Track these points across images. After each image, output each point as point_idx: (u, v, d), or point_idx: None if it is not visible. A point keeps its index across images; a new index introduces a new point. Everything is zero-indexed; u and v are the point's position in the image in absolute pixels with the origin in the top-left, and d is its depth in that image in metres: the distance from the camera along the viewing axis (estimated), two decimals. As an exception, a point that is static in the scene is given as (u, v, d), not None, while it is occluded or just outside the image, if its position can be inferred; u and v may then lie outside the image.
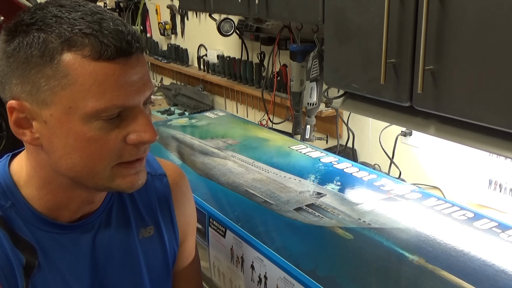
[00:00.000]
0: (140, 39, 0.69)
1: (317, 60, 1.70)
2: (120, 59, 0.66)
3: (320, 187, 1.32)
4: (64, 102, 0.66)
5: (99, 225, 0.81)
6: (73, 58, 0.65)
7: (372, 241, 1.06)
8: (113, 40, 0.65)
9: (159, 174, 0.92)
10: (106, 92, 0.65)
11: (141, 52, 0.69)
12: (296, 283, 0.95)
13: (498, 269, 0.95)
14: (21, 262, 0.73)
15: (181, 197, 0.94)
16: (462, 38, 0.94)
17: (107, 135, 0.68)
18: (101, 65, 0.65)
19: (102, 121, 0.67)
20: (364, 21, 1.15)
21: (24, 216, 0.74)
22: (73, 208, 0.77)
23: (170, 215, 0.91)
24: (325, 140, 1.95)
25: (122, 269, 0.84)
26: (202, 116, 2.05)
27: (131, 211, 0.86)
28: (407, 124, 1.22)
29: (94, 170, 0.70)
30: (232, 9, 1.84)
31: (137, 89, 0.68)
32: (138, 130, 0.69)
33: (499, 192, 1.41)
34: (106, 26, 0.65)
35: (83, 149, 0.68)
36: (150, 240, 0.88)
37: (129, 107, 0.68)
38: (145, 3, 3.52)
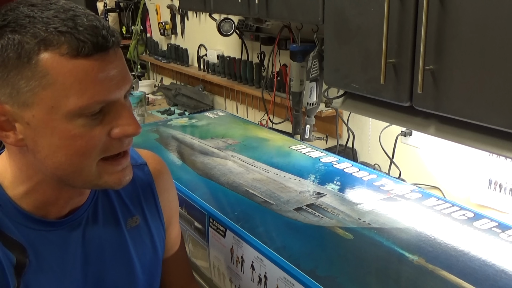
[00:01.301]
0: (115, 32, 0.69)
1: (317, 60, 1.70)
2: (98, 55, 0.66)
3: (320, 187, 1.31)
4: (46, 102, 0.66)
5: (87, 220, 0.82)
6: (51, 58, 0.64)
7: (372, 241, 1.06)
8: (89, 36, 0.65)
9: (140, 163, 0.93)
10: (87, 89, 0.66)
11: (117, 45, 0.69)
12: (296, 283, 0.95)
13: (498, 269, 0.95)
14: (11, 262, 0.73)
15: (163, 183, 0.95)
16: (462, 38, 0.94)
17: (91, 131, 0.68)
18: (79, 62, 0.65)
19: (85, 118, 0.67)
20: (364, 21, 1.15)
21: (12, 216, 0.74)
22: (61, 204, 0.78)
23: (155, 203, 0.93)
24: (325, 140, 1.95)
25: (114, 260, 0.85)
26: (202, 116, 2.05)
27: (117, 203, 0.87)
28: (407, 124, 1.22)
29: (81, 167, 0.70)
30: (232, 9, 1.84)
31: (117, 83, 0.68)
32: (122, 124, 0.70)
33: (499, 192, 1.41)
34: (80, 23, 0.66)
35: (68, 147, 0.68)
36: (138, 230, 0.89)
37: (111, 102, 0.69)
38: (145, 3, 3.52)
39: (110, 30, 0.68)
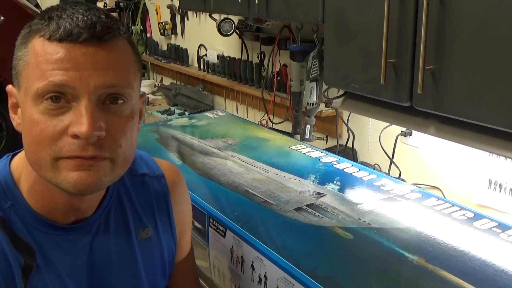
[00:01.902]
0: (113, 31, 0.68)
1: (317, 60, 1.70)
2: (72, 43, 0.65)
3: (320, 187, 1.31)
4: (23, 83, 0.68)
5: (98, 228, 0.81)
6: (35, 40, 0.67)
7: (372, 241, 1.06)
8: (68, 24, 0.65)
9: (157, 175, 0.91)
10: (48, 70, 0.65)
11: (103, 40, 0.67)
12: (296, 283, 0.95)
13: (498, 269, 0.95)
14: (19, 263, 0.72)
15: (179, 197, 0.94)
16: (462, 38, 0.94)
17: (48, 120, 0.66)
18: (51, 45, 0.66)
19: (46, 104, 0.65)
20: (364, 21, 1.15)
21: (23, 217, 0.74)
22: (62, 211, 0.76)
23: (168, 216, 0.91)
24: (325, 140, 1.95)
25: (120, 270, 0.83)
26: (202, 116, 2.05)
27: (130, 213, 0.85)
28: (407, 124, 1.22)
29: (38, 158, 0.67)
30: (232, 9, 1.84)
31: (82, 73, 0.65)
32: (74, 121, 0.65)
33: (499, 192, 1.41)
34: (77, 14, 0.66)
35: (29, 132, 0.68)
36: (148, 242, 0.87)
37: (75, 94, 0.65)
38: (145, 3, 3.52)
39: (107, 26, 0.67)
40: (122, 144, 0.70)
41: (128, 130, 0.71)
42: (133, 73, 0.72)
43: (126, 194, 0.86)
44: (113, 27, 0.68)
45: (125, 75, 0.69)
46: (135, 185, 0.87)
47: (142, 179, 0.89)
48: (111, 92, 0.68)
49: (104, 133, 0.67)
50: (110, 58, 0.67)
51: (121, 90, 0.69)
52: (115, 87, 0.68)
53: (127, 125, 0.70)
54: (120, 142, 0.69)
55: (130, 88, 0.70)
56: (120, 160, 0.70)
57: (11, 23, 3.46)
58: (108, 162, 0.69)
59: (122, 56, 0.69)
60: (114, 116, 0.68)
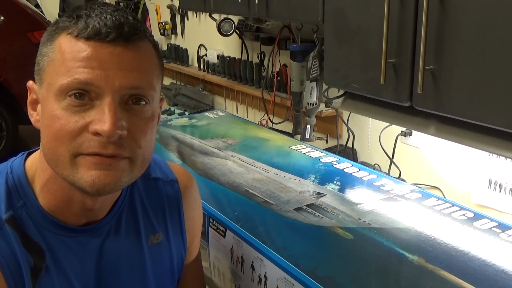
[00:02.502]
0: (139, 32, 0.69)
1: (317, 60, 1.70)
2: (98, 41, 0.65)
3: (320, 187, 1.31)
4: (47, 79, 0.68)
5: (108, 231, 0.80)
6: (62, 38, 0.67)
7: (372, 241, 1.06)
8: (96, 23, 0.66)
9: (171, 180, 0.90)
10: (74, 67, 0.65)
11: (130, 41, 0.67)
12: (296, 283, 0.95)
13: (498, 269, 0.95)
14: (29, 264, 0.72)
15: (191, 202, 0.93)
16: (462, 38, 0.94)
17: (70, 117, 0.66)
18: (78, 43, 0.66)
19: (69, 100, 0.66)
20: (364, 21, 1.15)
21: (34, 217, 0.74)
22: (74, 212, 0.75)
23: (180, 221, 0.90)
24: (325, 140, 1.95)
25: (129, 275, 0.83)
26: (202, 116, 2.05)
27: (141, 218, 0.84)
28: (407, 124, 1.22)
29: (56, 154, 0.67)
30: (232, 9, 1.84)
31: (108, 73, 0.65)
32: (96, 118, 0.65)
33: (499, 192, 1.41)
34: (104, 14, 0.67)
35: (49, 127, 0.67)
36: (158, 247, 0.87)
37: (99, 93, 0.66)
38: (145, 3, 3.52)
39: (134, 28, 0.67)
40: (142, 145, 0.70)
41: (148, 132, 0.71)
42: (156, 76, 0.72)
43: (139, 198, 0.85)
44: (140, 29, 0.69)
45: (149, 77, 0.70)
46: (148, 189, 0.87)
47: (155, 183, 0.88)
48: (134, 93, 0.68)
49: (126, 133, 0.67)
50: (135, 60, 0.68)
51: (144, 92, 0.69)
52: (138, 88, 0.68)
53: (148, 126, 0.71)
54: (140, 143, 0.70)
55: (153, 91, 0.71)
56: (139, 160, 0.71)
57: (11, 23, 3.46)
58: (127, 162, 0.69)
59: (146, 58, 0.70)
60: (135, 117, 0.69)
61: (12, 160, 0.78)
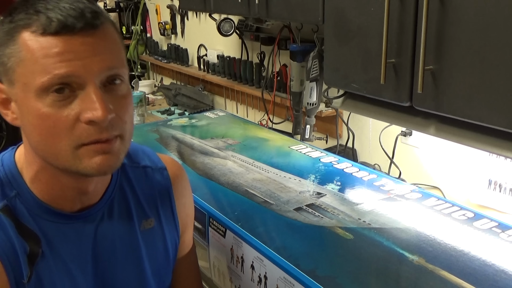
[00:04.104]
0: (101, 16, 0.69)
1: (317, 60, 1.70)
2: (67, 33, 0.66)
3: (320, 187, 1.31)
4: (21, 79, 0.68)
5: (102, 217, 0.82)
6: (26, 36, 0.67)
7: (372, 241, 1.06)
8: (60, 16, 0.66)
9: (159, 167, 0.93)
10: (50, 64, 0.66)
11: (96, 27, 0.68)
12: (296, 283, 0.95)
13: (498, 269, 0.95)
14: (25, 250, 0.74)
15: (181, 189, 0.96)
16: (462, 38, 0.94)
17: (59, 112, 0.67)
18: (46, 40, 0.66)
19: (53, 96, 0.67)
20: (364, 21, 1.15)
21: (28, 205, 0.76)
22: (68, 198, 0.78)
23: (171, 207, 0.93)
24: (325, 140, 1.95)
25: (124, 259, 0.85)
26: (202, 116, 2.05)
27: (132, 203, 0.87)
28: (407, 124, 1.22)
29: (55, 149, 0.69)
30: (232, 9, 1.84)
31: (84, 61, 0.67)
32: (86, 108, 0.67)
33: (499, 192, 1.41)
34: (61, 4, 0.67)
35: (39, 126, 0.69)
36: (151, 232, 0.89)
37: (80, 82, 0.67)
38: (145, 3, 3.52)
39: (94, 13, 0.68)
40: (127, 120, 0.73)
41: (129, 107, 0.74)
42: (122, 52, 0.75)
43: (129, 185, 0.88)
44: (98, 11, 0.70)
45: (118, 55, 0.72)
46: (137, 177, 0.89)
47: (144, 171, 0.91)
48: (111, 74, 0.70)
49: (114, 115, 0.70)
50: (104, 43, 0.70)
51: (119, 71, 0.71)
52: (114, 68, 0.70)
53: (127, 102, 0.74)
54: (125, 119, 0.73)
55: (125, 68, 0.74)
56: (127, 135, 0.74)
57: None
58: (119, 141, 0.72)
59: (113, 39, 0.72)
60: (116, 97, 0.71)
61: (2, 154, 0.80)
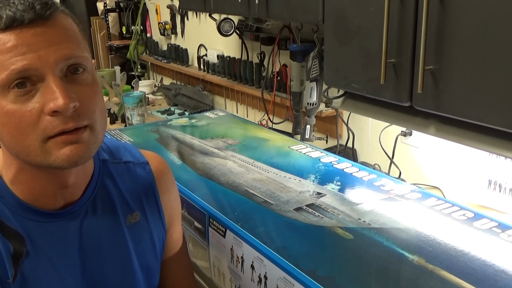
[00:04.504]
0: (52, 7, 0.69)
1: (317, 60, 1.70)
2: (17, 27, 0.66)
3: (320, 187, 1.31)
4: None
5: (85, 213, 0.82)
6: None
7: (372, 241, 1.06)
8: (8, 11, 0.66)
9: (141, 162, 0.93)
10: (5, 60, 0.66)
11: (46, 18, 0.68)
12: (296, 283, 0.95)
13: (498, 269, 0.95)
14: (9, 250, 0.74)
15: (165, 183, 0.96)
16: (462, 38, 0.94)
17: (23, 107, 0.67)
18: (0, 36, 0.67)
19: (15, 92, 0.67)
20: (364, 21, 1.15)
21: (10, 206, 0.76)
22: (50, 195, 0.78)
23: (156, 202, 0.93)
24: (325, 140, 1.95)
25: (112, 255, 0.85)
26: (202, 116, 2.05)
27: (116, 198, 0.87)
28: (407, 124, 1.22)
29: (24, 145, 0.69)
30: (232, 9, 1.84)
31: (39, 53, 0.67)
32: (47, 99, 0.67)
33: (499, 192, 1.41)
34: (13, 0, 0.67)
35: (7, 124, 0.69)
36: (137, 226, 0.89)
37: (38, 75, 0.67)
38: (145, 3, 3.52)
39: (45, 4, 0.68)
40: (96, 110, 0.72)
41: (97, 97, 0.74)
42: (82, 41, 0.74)
43: (111, 181, 0.88)
44: (49, 3, 0.70)
45: (77, 44, 0.72)
46: (119, 172, 0.90)
47: (126, 166, 0.91)
48: (70, 63, 0.70)
49: (78, 103, 0.69)
50: (58, 32, 0.69)
51: (79, 60, 0.71)
52: (72, 58, 0.70)
53: (94, 91, 0.73)
54: (94, 108, 0.72)
55: (85, 57, 0.73)
56: (98, 125, 0.73)
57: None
58: (88, 131, 0.71)
59: (67, 28, 0.71)
60: (79, 86, 0.71)
61: None
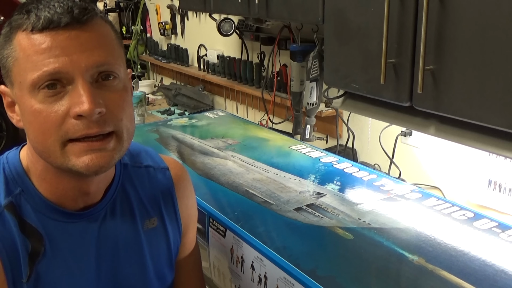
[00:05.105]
0: (91, 12, 0.70)
1: (317, 60, 1.70)
2: (53, 29, 0.67)
3: (320, 187, 1.31)
4: (17, 79, 0.70)
5: (104, 216, 0.83)
6: (19, 35, 0.69)
7: (372, 241, 1.06)
8: (47, 13, 0.67)
9: (162, 167, 0.93)
10: (39, 61, 0.67)
11: (83, 22, 0.69)
12: (296, 283, 0.95)
13: (498, 269, 0.95)
14: (27, 249, 0.75)
15: (183, 190, 0.96)
16: (462, 38, 0.94)
17: (50, 108, 0.68)
18: (35, 37, 0.68)
19: (44, 92, 0.68)
20: (364, 21, 1.15)
21: (33, 203, 0.76)
22: (71, 197, 0.78)
23: (174, 207, 0.93)
24: (325, 140, 1.95)
25: (127, 259, 0.85)
26: (202, 116, 2.05)
27: (135, 203, 0.87)
28: (407, 124, 1.22)
29: (46, 146, 0.70)
30: (232, 9, 1.84)
31: (72, 57, 0.67)
32: (74, 102, 0.68)
33: (499, 192, 1.41)
34: (52, 2, 0.68)
35: (33, 123, 0.70)
36: (154, 232, 0.89)
37: (69, 78, 0.68)
38: (145, 3, 3.52)
39: (83, 9, 0.69)
40: (123, 117, 0.73)
41: (125, 104, 0.74)
42: (117, 49, 0.74)
43: (131, 185, 0.88)
44: (88, 8, 0.70)
45: (110, 52, 0.72)
46: (139, 177, 0.90)
47: (146, 170, 0.91)
48: (102, 70, 0.70)
49: (104, 109, 0.69)
50: (93, 38, 0.70)
51: (111, 67, 0.71)
52: (104, 65, 0.70)
53: (123, 99, 0.73)
54: (121, 116, 0.72)
55: (118, 64, 0.73)
56: (124, 132, 0.73)
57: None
58: (114, 139, 0.72)
59: (103, 35, 0.72)
60: (109, 93, 0.71)
61: (8, 153, 0.81)
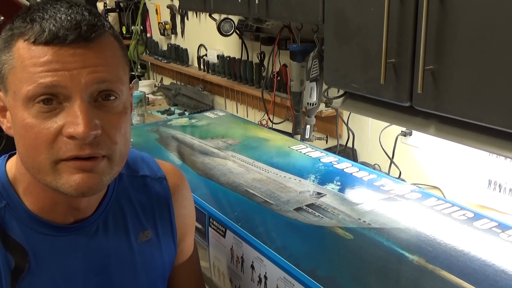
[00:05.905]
0: (99, 29, 0.67)
1: (317, 60, 1.70)
2: (58, 44, 0.64)
3: (320, 187, 1.31)
4: (11, 87, 0.67)
5: (96, 229, 0.79)
6: (20, 44, 0.66)
7: (372, 241, 1.06)
8: (53, 26, 0.64)
9: (159, 177, 0.89)
10: (37, 73, 0.64)
11: (89, 40, 0.65)
12: (296, 283, 0.95)
13: (498, 269, 0.95)
14: (9, 265, 0.71)
15: (181, 200, 0.92)
16: (462, 38, 0.94)
17: (42, 123, 0.65)
18: (36, 49, 0.64)
19: (38, 107, 0.64)
20: (364, 21, 1.15)
21: (19, 217, 0.73)
22: (60, 212, 0.75)
23: (170, 219, 0.90)
24: (325, 140, 1.95)
25: (119, 274, 0.82)
26: (202, 116, 2.05)
27: (129, 216, 0.84)
28: (407, 124, 1.22)
29: (36, 162, 0.67)
30: (232, 9, 1.84)
31: (72, 72, 0.64)
32: (69, 122, 0.64)
33: (499, 192, 1.41)
34: (59, 14, 0.65)
35: (24, 137, 0.67)
36: (148, 245, 0.86)
37: (67, 94, 0.64)
38: (145, 3, 3.52)
39: (92, 25, 0.66)
40: (118, 141, 0.69)
41: (122, 126, 0.70)
42: (122, 68, 0.71)
43: (126, 196, 0.85)
44: (97, 24, 0.67)
45: (114, 71, 0.69)
46: (135, 187, 0.86)
47: (143, 180, 0.88)
48: (102, 89, 0.67)
49: (100, 131, 0.66)
50: (98, 56, 0.66)
51: (112, 86, 0.68)
52: (105, 82, 0.67)
53: (121, 121, 0.70)
54: (116, 139, 0.69)
55: (120, 84, 0.70)
56: (117, 157, 0.70)
57: (11, 23, 3.46)
58: (105, 161, 0.69)
59: (110, 53, 0.68)
60: (107, 113, 0.68)
61: None
